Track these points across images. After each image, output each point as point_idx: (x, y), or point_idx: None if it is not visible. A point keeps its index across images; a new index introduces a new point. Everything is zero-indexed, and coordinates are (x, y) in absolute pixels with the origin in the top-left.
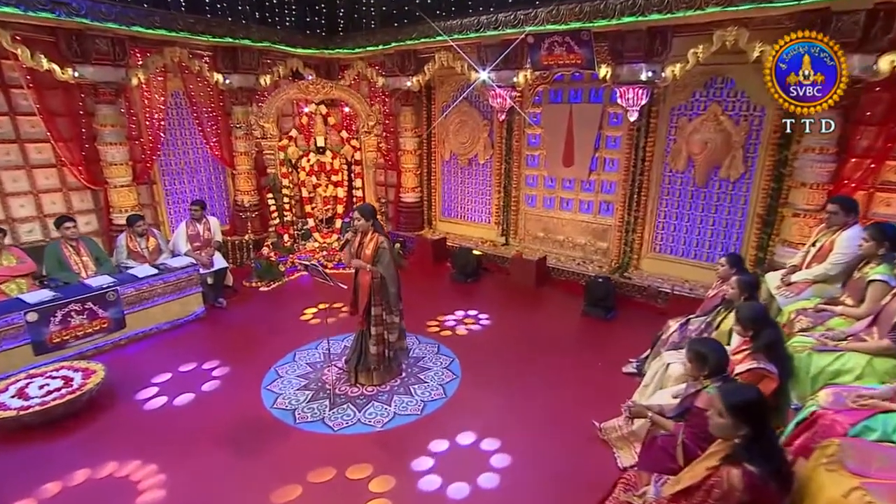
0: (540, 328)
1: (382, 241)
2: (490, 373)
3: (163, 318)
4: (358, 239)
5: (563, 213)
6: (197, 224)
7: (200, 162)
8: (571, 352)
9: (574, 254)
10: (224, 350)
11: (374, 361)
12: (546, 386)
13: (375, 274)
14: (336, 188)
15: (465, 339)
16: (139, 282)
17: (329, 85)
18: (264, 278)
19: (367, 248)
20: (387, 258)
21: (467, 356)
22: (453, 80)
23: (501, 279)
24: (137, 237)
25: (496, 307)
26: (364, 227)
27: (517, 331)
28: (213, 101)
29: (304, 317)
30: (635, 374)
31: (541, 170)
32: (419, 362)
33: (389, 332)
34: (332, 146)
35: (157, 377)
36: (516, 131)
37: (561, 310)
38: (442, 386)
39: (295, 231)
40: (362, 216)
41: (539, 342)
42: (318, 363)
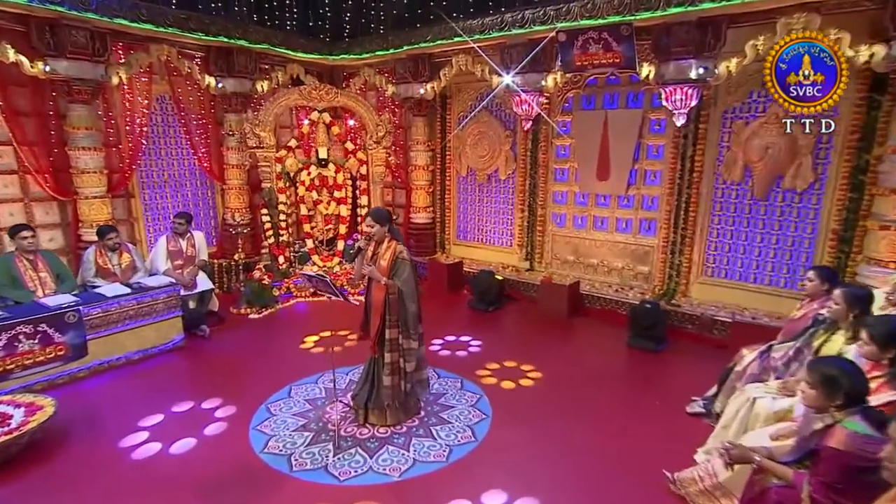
0: (579, 362)
1: (401, 249)
2: (526, 412)
3: (133, 346)
4: (371, 248)
5: (597, 233)
6: (180, 239)
7: (186, 174)
8: (620, 389)
9: (610, 280)
10: (205, 385)
11: (388, 396)
12: (594, 428)
13: (392, 288)
14: (339, 205)
15: (491, 371)
16: (107, 302)
17: (334, 91)
18: (255, 304)
19: (382, 258)
20: (406, 270)
21: (498, 392)
22: (471, 87)
23: (527, 308)
24: (108, 252)
25: (524, 339)
26: (379, 235)
27: (552, 365)
28: (203, 108)
29: (305, 345)
30: (703, 415)
31: (571, 185)
32: (440, 399)
33: (407, 361)
34: (335, 159)
35: (127, 417)
36: (543, 142)
37: (601, 342)
38: (470, 427)
39: (291, 253)
40: (376, 221)
41: (580, 378)
42: (318, 399)
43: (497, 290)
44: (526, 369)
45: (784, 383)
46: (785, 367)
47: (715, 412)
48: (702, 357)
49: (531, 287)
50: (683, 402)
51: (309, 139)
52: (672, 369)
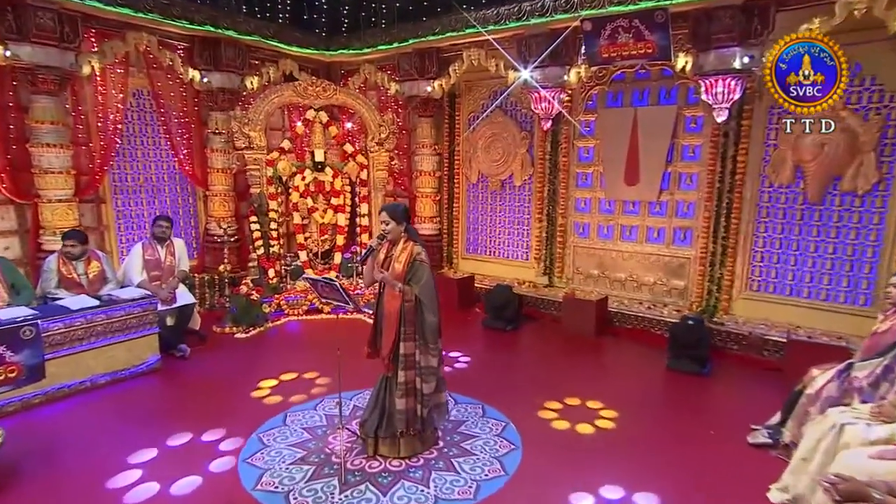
0: (615, 387)
1: (419, 251)
2: (560, 442)
3: (101, 368)
4: (385, 249)
5: (625, 244)
6: (158, 247)
7: (165, 178)
8: (666, 418)
9: (640, 296)
10: (184, 412)
11: (402, 423)
12: (644, 462)
13: (408, 295)
14: (336, 214)
15: (515, 399)
16: (71, 316)
17: (332, 88)
18: (241, 322)
19: (397, 260)
20: (424, 275)
21: (526, 421)
22: (484, 84)
23: (549, 327)
24: (74, 260)
25: (550, 361)
26: (394, 234)
27: (585, 391)
28: (185, 105)
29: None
30: (770, 446)
31: (595, 191)
32: (460, 427)
33: (424, 380)
34: (332, 162)
35: (92, 450)
36: (564, 144)
37: (636, 364)
38: (498, 459)
39: (283, 266)
40: (392, 217)
41: (618, 405)
42: (319, 427)
43: (516, 307)
44: (559, 395)
45: (879, 406)
46: (872, 388)
47: (783, 442)
48: (753, 381)
49: (551, 305)
50: (741, 431)
51: (303, 141)
52: (722, 395)
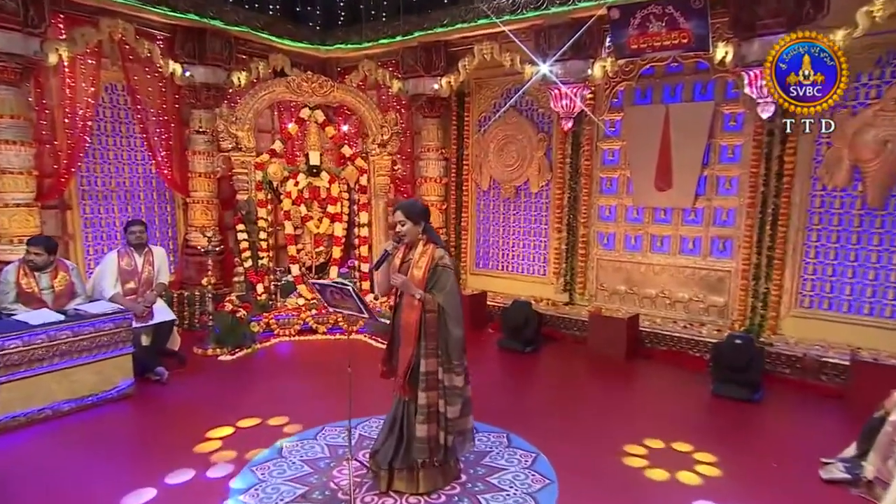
0: (655, 415)
1: (441, 255)
2: (600, 474)
3: (64, 394)
4: (401, 254)
5: (656, 256)
6: (135, 255)
7: (140, 183)
8: (720, 449)
9: (674, 314)
10: (162, 443)
11: (423, 452)
12: (703, 498)
13: (430, 305)
14: (333, 223)
15: (544, 427)
16: (30, 332)
17: (329, 84)
18: (226, 343)
19: (416, 266)
20: (448, 282)
21: (560, 451)
22: (496, 82)
23: (572, 348)
24: (37, 271)
25: (578, 386)
26: (411, 235)
27: (622, 418)
28: (165, 101)
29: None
30: (848, 482)
31: (622, 197)
32: (484, 458)
33: (448, 403)
34: (329, 167)
35: (47, 492)
36: (586, 146)
37: (676, 389)
38: (531, 496)
39: (273, 282)
40: (408, 217)
41: (665, 435)
42: (322, 459)
43: (535, 327)
44: (593, 424)
45: None
46: None
47: (865, 478)
48: (812, 408)
49: (573, 324)
50: (809, 465)
51: (295, 144)
52: (779, 424)
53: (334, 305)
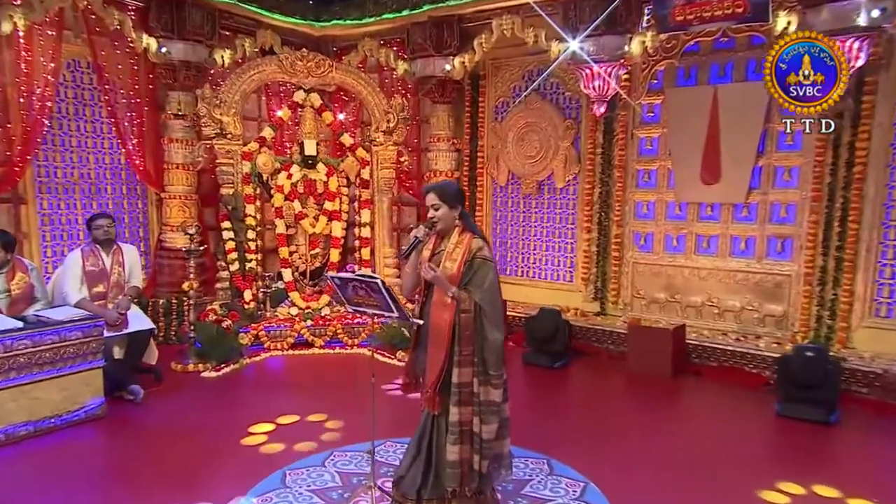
0: (716, 439)
1: (479, 245)
2: None
3: (22, 415)
4: (431, 244)
5: (702, 259)
6: (101, 254)
7: (107, 175)
8: (803, 480)
9: (723, 325)
10: (140, 473)
11: (455, 479)
12: None
13: (465, 304)
14: (331, 222)
15: (590, 452)
16: None
17: (327, 63)
18: (210, 357)
19: (450, 257)
20: (488, 277)
21: (610, 476)
22: (516, 62)
23: (608, 364)
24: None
25: (621, 406)
26: (445, 222)
27: (679, 442)
28: (137, 81)
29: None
30: None
31: (662, 192)
32: (524, 488)
33: (484, 421)
34: (326, 158)
35: None
36: (620, 134)
37: (735, 410)
38: None
39: (261, 288)
40: (442, 199)
41: (729, 465)
42: (333, 490)
43: (565, 339)
44: (646, 449)
45: None
46: None
47: None
48: None
49: (607, 337)
50: None
51: (285, 134)
52: (865, 451)
53: (356, 304)
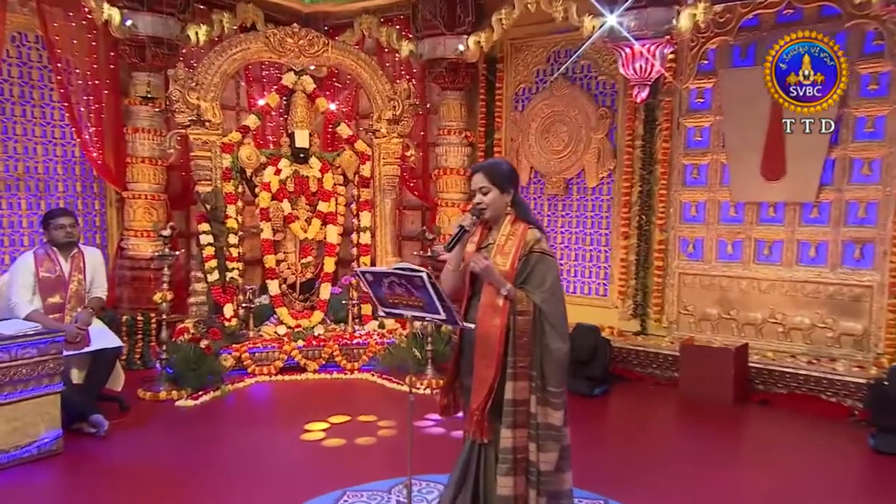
0: (803, 480)
1: (537, 237)
2: None
3: None
4: (478, 236)
5: (763, 268)
6: (59, 258)
7: (59, 170)
8: None
9: (790, 346)
10: None
11: None
12: None
13: (522, 304)
14: (326, 225)
15: (656, 492)
16: None
17: (322, 41)
18: (186, 383)
19: (500, 251)
20: (550, 275)
21: None
22: (539, 43)
23: (656, 392)
24: None
25: (682, 440)
26: (496, 208)
27: (758, 484)
28: (96, 60)
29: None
30: None
31: (714, 191)
32: None
33: (542, 448)
34: (320, 151)
35: None
36: (664, 123)
37: (819, 444)
38: None
39: (244, 301)
40: (493, 181)
41: None
42: None
43: (605, 362)
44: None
45: None
46: None
47: None
48: None
49: (651, 360)
50: None
51: (270, 123)
52: None
53: (392, 305)
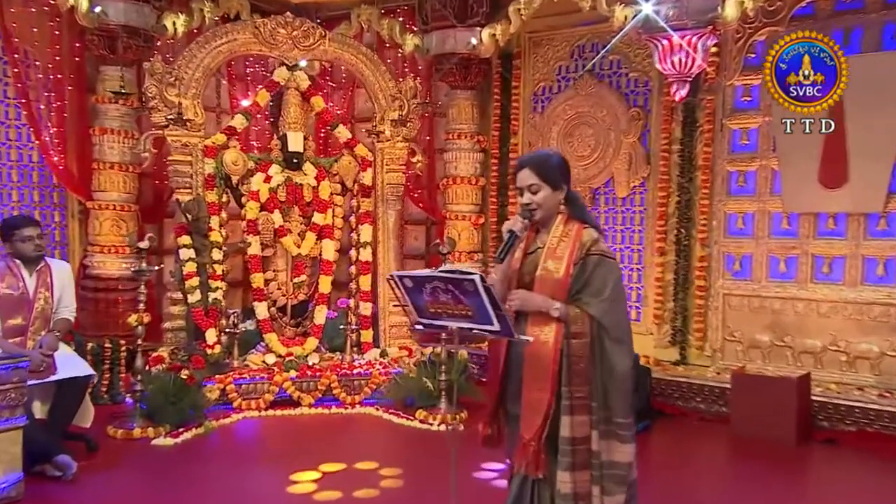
0: None
1: (594, 238)
2: None
3: None
4: (525, 240)
5: (822, 288)
6: (22, 272)
7: (13, 176)
8: None
9: (855, 377)
10: None
11: None
12: None
13: (577, 324)
14: (321, 240)
15: None
16: None
17: (318, 33)
18: (164, 419)
19: (552, 255)
20: (610, 281)
21: None
22: (562, 36)
23: (702, 428)
24: None
25: (743, 486)
26: (547, 209)
27: None
28: (59, 51)
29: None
30: None
31: (764, 200)
32: None
33: (607, 491)
34: (314, 157)
35: None
36: (706, 125)
37: (891, 490)
38: None
39: (227, 327)
40: (543, 177)
41: None
42: None
43: (647, 393)
44: None
45: None
46: None
47: None
48: None
49: (694, 392)
50: None
51: (254, 127)
52: None
53: (433, 315)
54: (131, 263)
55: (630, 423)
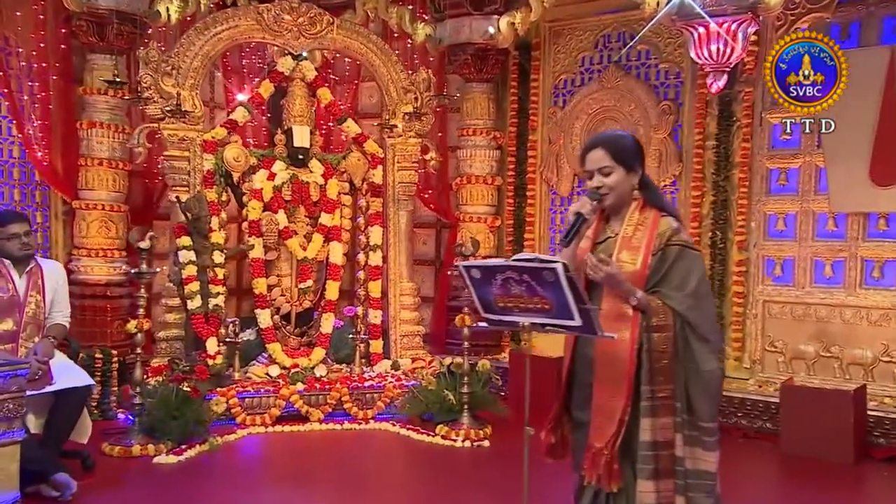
0: None
1: (673, 227)
2: None
3: None
4: (594, 226)
5: (872, 295)
6: (11, 273)
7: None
8: None
9: None
10: None
11: None
12: None
13: (658, 317)
14: (329, 242)
15: None
16: None
17: (325, 20)
18: (166, 435)
19: (627, 245)
20: (694, 274)
21: None
22: (585, 25)
23: (746, 445)
24: None
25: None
26: (619, 194)
27: None
28: (43, 38)
29: None
30: None
31: (808, 200)
32: None
33: (695, 500)
34: (321, 153)
35: None
36: (744, 119)
37: None
38: None
39: (227, 336)
40: (616, 158)
41: None
42: None
43: None
44: None
45: None
46: None
47: None
48: None
49: (733, 407)
50: None
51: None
52: None
53: (503, 309)
54: (120, 267)
55: (715, 429)
